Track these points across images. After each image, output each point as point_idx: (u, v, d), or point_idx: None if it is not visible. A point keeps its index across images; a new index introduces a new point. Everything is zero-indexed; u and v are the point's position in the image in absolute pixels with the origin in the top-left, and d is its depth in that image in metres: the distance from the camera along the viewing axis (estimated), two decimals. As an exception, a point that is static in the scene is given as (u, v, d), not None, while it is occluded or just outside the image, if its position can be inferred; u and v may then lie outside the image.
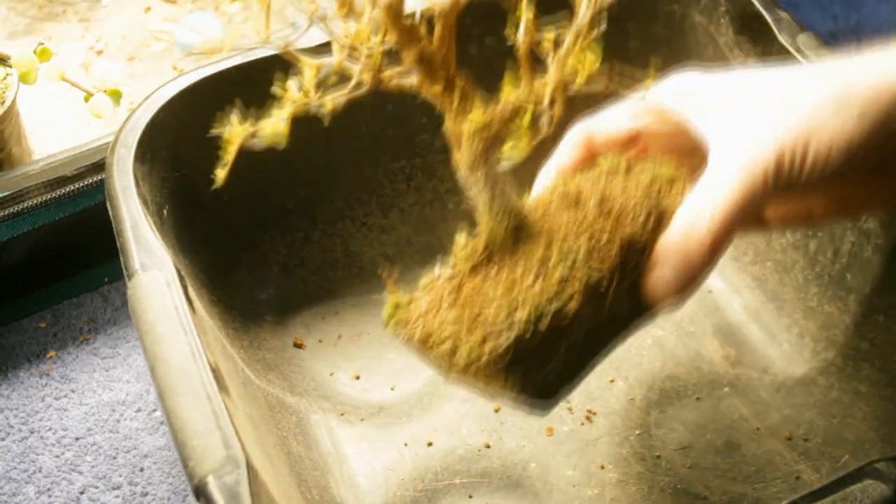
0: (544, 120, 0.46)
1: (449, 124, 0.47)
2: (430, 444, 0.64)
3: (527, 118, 0.46)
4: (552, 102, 0.46)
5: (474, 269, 0.49)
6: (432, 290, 0.49)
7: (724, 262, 0.72)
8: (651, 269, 0.46)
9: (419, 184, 0.73)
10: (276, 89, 0.46)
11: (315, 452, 0.62)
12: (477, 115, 0.47)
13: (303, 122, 0.67)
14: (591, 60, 0.46)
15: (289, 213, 0.71)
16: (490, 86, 0.54)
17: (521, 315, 0.45)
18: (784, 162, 0.44)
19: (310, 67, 0.45)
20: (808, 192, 0.51)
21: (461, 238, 0.50)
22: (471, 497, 0.61)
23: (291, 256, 0.71)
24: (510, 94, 0.47)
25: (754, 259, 0.71)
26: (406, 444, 0.64)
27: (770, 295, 0.69)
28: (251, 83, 0.63)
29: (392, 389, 0.67)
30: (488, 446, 0.64)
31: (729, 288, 0.71)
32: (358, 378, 0.67)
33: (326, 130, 0.69)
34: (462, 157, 0.47)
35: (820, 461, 0.61)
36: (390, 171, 0.72)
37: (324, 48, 0.63)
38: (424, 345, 0.47)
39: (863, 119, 0.44)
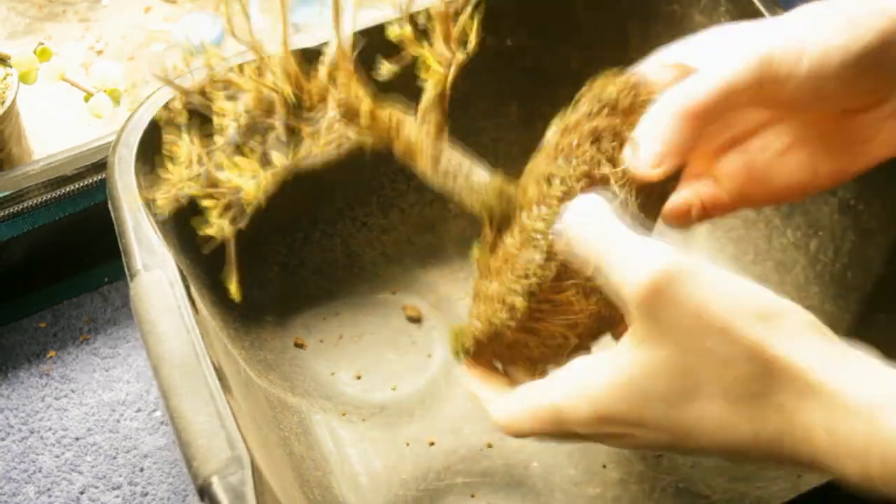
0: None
1: (396, 147, 0.50)
2: (431, 444, 0.64)
3: (432, 60, 0.49)
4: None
5: (493, 249, 0.51)
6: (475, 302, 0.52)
7: (725, 262, 0.72)
8: (634, 151, 0.47)
9: (419, 183, 0.73)
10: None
11: (317, 452, 0.62)
12: (412, 121, 0.50)
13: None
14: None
15: (289, 213, 0.71)
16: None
17: (540, 232, 0.46)
18: (775, 59, 0.45)
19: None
20: (814, 134, 0.51)
21: (475, 247, 0.52)
22: (473, 496, 0.61)
23: (292, 257, 0.71)
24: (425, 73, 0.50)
25: (755, 259, 0.71)
26: (408, 444, 0.64)
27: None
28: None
29: (393, 389, 0.67)
30: (490, 446, 0.64)
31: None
32: (359, 378, 0.67)
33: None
34: (423, 163, 0.50)
35: (821, 460, 0.61)
36: (390, 170, 0.72)
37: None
38: (497, 331, 0.48)
39: (861, 32, 0.45)
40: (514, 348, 0.50)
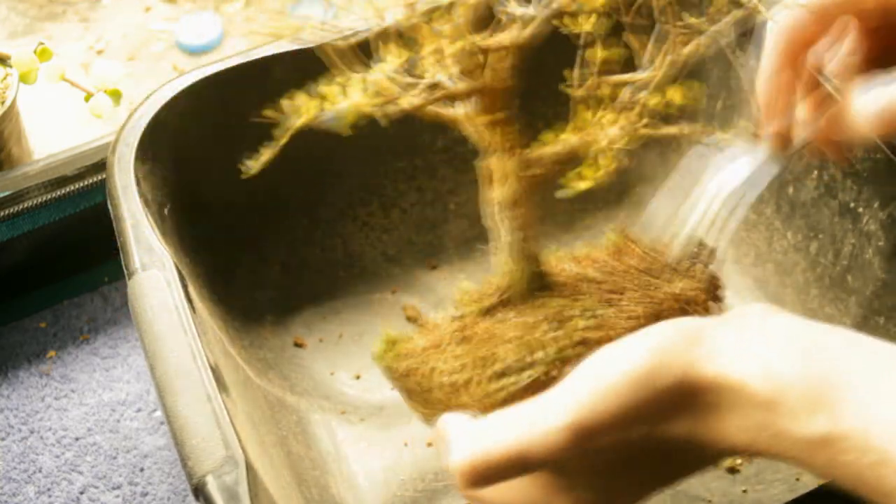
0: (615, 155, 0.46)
1: (490, 160, 0.47)
2: (430, 445, 0.64)
3: (599, 149, 0.46)
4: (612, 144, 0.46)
5: (487, 312, 0.49)
6: (434, 330, 0.50)
7: (726, 264, 0.72)
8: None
9: (421, 184, 0.73)
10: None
11: (315, 452, 0.62)
12: (530, 151, 0.47)
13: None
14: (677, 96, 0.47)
15: (289, 212, 0.71)
16: (555, 119, 0.54)
17: (538, 357, 0.45)
18: None
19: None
20: None
21: (467, 285, 0.50)
22: (471, 498, 0.61)
23: (292, 256, 0.71)
24: (571, 136, 0.47)
25: (755, 261, 0.71)
26: (406, 444, 0.64)
27: (771, 297, 0.69)
28: (252, 83, 0.63)
29: (392, 389, 0.66)
30: (488, 447, 0.63)
31: (730, 290, 0.71)
32: (358, 378, 0.67)
33: (327, 130, 0.69)
34: (502, 194, 0.47)
35: (821, 462, 0.61)
36: (392, 170, 0.72)
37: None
38: (427, 378, 0.47)
39: None
40: (435, 393, 0.48)
